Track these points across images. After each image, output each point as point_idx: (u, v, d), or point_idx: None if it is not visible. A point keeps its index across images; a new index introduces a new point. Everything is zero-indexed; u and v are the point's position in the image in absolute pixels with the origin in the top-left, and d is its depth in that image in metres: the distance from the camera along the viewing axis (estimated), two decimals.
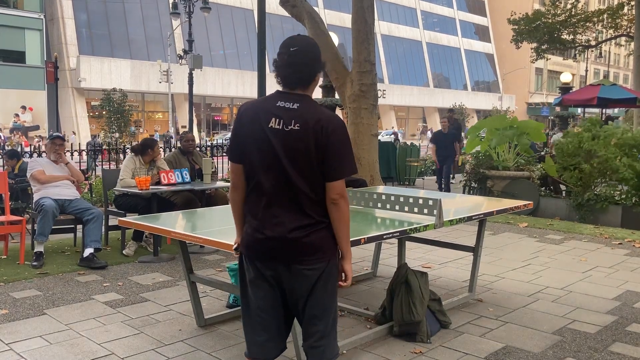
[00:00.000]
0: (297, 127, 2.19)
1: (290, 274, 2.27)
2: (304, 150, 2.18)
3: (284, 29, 41.91)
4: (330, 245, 2.29)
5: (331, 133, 2.19)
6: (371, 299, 4.46)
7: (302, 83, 2.26)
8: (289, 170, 2.20)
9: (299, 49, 2.23)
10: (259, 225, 2.28)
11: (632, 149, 8.19)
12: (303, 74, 2.25)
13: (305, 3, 10.38)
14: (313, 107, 2.25)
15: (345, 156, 2.24)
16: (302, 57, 2.23)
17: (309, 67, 2.25)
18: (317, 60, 2.27)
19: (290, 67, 2.22)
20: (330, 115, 2.26)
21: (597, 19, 25.10)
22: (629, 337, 3.73)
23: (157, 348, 3.50)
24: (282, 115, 2.21)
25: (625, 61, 71.00)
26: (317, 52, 2.28)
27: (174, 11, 21.89)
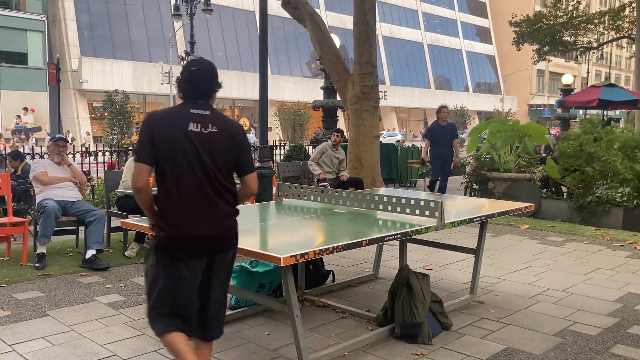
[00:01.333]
0: (215, 130, 2.59)
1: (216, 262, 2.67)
2: (223, 150, 2.60)
3: (286, 31, 42.00)
4: (237, 234, 2.74)
5: (242, 136, 2.68)
6: (372, 301, 4.46)
7: (201, 97, 2.63)
8: (211, 167, 2.57)
9: (199, 69, 2.64)
10: (183, 218, 2.56)
11: (633, 150, 8.19)
12: (200, 89, 2.63)
13: (306, 5, 10.40)
14: (221, 115, 2.68)
15: (250, 153, 2.79)
16: (200, 75, 2.63)
17: (206, 84, 2.65)
18: (212, 79, 2.67)
19: (192, 83, 2.62)
20: (233, 120, 2.77)
21: (599, 20, 25.12)
22: (631, 339, 3.74)
23: (159, 349, 3.51)
24: (199, 120, 2.58)
25: (627, 63, 70.97)
26: (214, 73, 2.68)
27: (175, 13, 21.87)
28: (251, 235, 3.51)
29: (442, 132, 9.60)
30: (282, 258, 2.69)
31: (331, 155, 8.43)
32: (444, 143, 9.51)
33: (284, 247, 3.02)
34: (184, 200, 2.55)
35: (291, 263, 2.75)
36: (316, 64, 31.77)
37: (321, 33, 10.15)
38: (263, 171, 7.43)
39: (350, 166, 9.64)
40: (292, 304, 3.06)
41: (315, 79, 40.91)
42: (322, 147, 8.48)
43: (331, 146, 8.45)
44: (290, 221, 3.90)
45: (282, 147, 12.22)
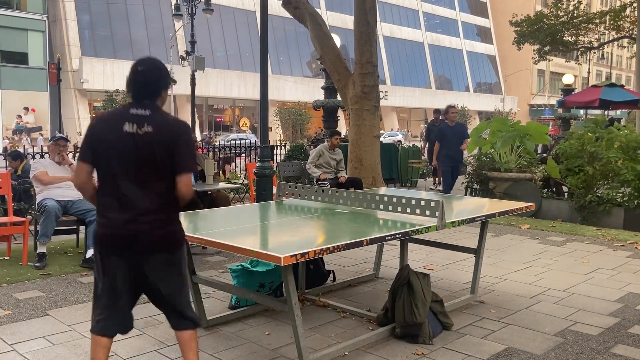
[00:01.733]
0: (150, 130, 2.56)
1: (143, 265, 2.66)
2: (157, 151, 2.55)
3: (286, 31, 42.01)
4: (176, 238, 2.72)
5: (183, 134, 2.61)
6: (373, 301, 4.46)
7: (147, 96, 2.64)
8: (140, 168, 2.56)
9: (144, 69, 2.65)
10: (116, 220, 2.60)
11: (635, 150, 8.18)
12: (146, 89, 2.64)
13: (307, 5, 10.40)
14: (162, 114, 2.65)
15: (191, 154, 2.64)
16: (145, 76, 2.63)
17: (151, 84, 2.65)
18: (160, 79, 2.67)
19: (136, 83, 2.63)
20: (178, 119, 2.70)
21: (600, 20, 25.11)
22: (632, 339, 3.73)
23: (160, 349, 3.51)
24: (136, 120, 2.57)
25: (628, 63, 70.94)
26: (161, 72, 2.68)
27: (176, 12, 21.88)
28: (252, 234, 3.51)
29: (452, 132, 9.23)
30: (283, 257, 2.69)
31: (328, 157, 8.44)
32: (454, 144, 9.15)
33: (285, 247, 3.01)
34: (111, 199, 2.60)
35: (292, 262, 2.74)
36: (317, 64, 31.78)
37: (322, 33, 10.14)
38: (264, 171, 7.43)
39: (351, 166, 9.64)
40: (293, 303, 3.06)
41: (315, 79, 40.92)
42: (319, 150, 8.48)
43: (328, 148, 8.45)
44: (291, 221, 3.90)
45: (283, 147, 12.22)
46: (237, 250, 2.93)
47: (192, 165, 2.66)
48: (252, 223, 3.87)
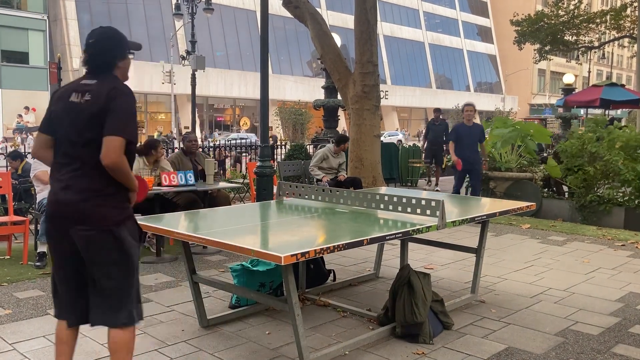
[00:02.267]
0: (89, 98, 2.50)
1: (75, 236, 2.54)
2: (90, 118, 2.47)
3: (287, 30, 41.99)
4: (104, 214, 2.51)
5: (116, 98, 2.46)
6: (373, 300, 4.46)
7: (100, 68, 2.57)
8: (76, 139, 2.51)
9: (94, 40, 2.58)
10: (54, 189, 2.58)
11: (635, 150, 8.18)
12: (97, 61, 2.57)
13: (307, 4, 10.39)
14: (108, 82, 2.53)
15: (123, 117, 2.46)
16: (95, 47, 2.57)
17: (102, 55, 2.57)
18: (111, 49, 2.58)
19: (87, 55, 2.58)
20: (120, 85, 2.54)
21: (600, 20, 25.10)
22: (632, 338, 3.73)
23: (160, 348, 3.51)
24: (81, 90, 2.54)
25: (628, 62, 70.89)
26: (112, 42, 2.59)
27: (176, 12, 21.89)
28: (252, 234, 3.50)
29: (468, 133, 8.44)
30: (283, 257, 2.68)
31: (332, 160, 8.45)
32: (470, 145, 8.42)
33: (285, 246, 3.01)
34: (54, 170, 2.60)
35: (292, 262, 2.74)
36: (317, 63, 31.79)
37: (322, 32, 10.14)
38: (264, 170, 7.43)
39: (351, 165, 9.63)
40: (293, 303, 3.06)
41: (316, 78, 40.91)
42: (323, 154, 8.47)
43: (332, 152, 8.46)
44: (291, 220, 3.89)
45: (283, 147, 12.22)
46: (238, 249, 2.92)
47: (122, 129, 2.44)
48: (252, 222, 3.87)
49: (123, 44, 2.63)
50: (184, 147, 6.74)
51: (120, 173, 2.48)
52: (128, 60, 2.66)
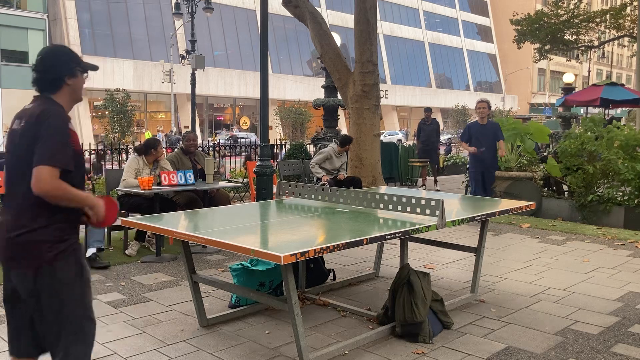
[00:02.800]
0: (23, 124, 2.30)
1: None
2: (23, 146, 2.26)
3: (287, 29, 41.98)
4: (40, 251, 2.24)
5: (43, 122, 2.24)
6: (373, 300, 4.46)
7: (45, 88, 2.37)
8: (11, 170, 2.33)
9: (39, 58, 2.37)
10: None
11: (634, 149, 8.18)
12: (43, 79, 2.37)
13: (307, 3, 10.39)
14: (42, 105, 2.32)
15: (47, 144, 2.21)
16: (41, 64, 2.36)
17: (46, 73, 2.36)
18: (56, 66, 2.37)
19: (34, 73, 2.37)
20: (49, 108, 2.30)
21: (600, 19, 25.11)
22: (632, 338, 3.73)
23: (160, 348, 3.51)
24: (21, 116, 2.35)
25: (628, 62, 70.90)
26: (58, 59, 2.38)
27: (176, 11, 21.87)
28: (252, 233, 3.50)
29: (482, 132, 7.68)
30: (283, 256, 2.68)
31: (334, 160, 8.46)
32: (484, 145, 7.67)
33: (285, 246, 3.01)
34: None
35: (292, 261, 2.74)
36: (317, 63, 31.78)
37: (322, 31, 10.13)
38: (264, 170, 7.43)
39: (351, 165, 9.64)
40: (293, 302, 3.06)
41: (316, 78, 40.91)
42: (327, 153, 8.47)
43: (336, 153, 8.47)
44: (291, 220, 3.89)
45: (283, 147, 12.22)
46: (237, 249, 2.92)
47: (48, 157, 2.20)
48: (252, 222, 3.87)
49: (71, 60, 2.41)
50: (183, 146, 6.73)
51: (57, 199, 2.23)
52: (80, 79, 2.43)
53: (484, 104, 7.80)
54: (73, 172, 2.29)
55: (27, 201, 2.25)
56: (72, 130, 2.32)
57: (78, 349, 2.33)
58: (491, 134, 7.70)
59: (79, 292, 2.34)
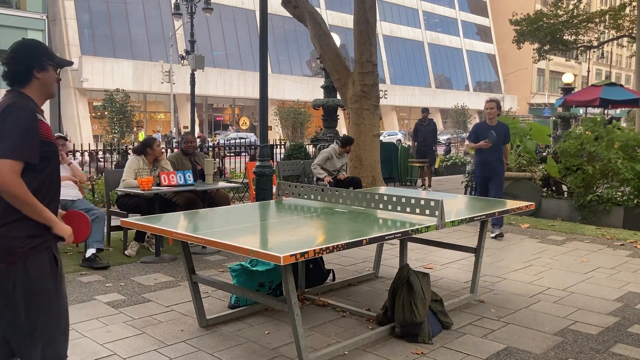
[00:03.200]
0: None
1: None
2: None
3: (286, 30, 41.99)
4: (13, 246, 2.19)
5: (7, 115, 2.19)
6: (373, 300, 4.46)
7: (14, 82, 2.33)
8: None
9: (9, 50, 2.34)
10: None
11: (634, 149, 8.19)
12: (10, 71, 2.33)
13: (307, 4, 10.39)
14: (10, 99, 2.28)
15: (12, 136, 2.15)
16: (8, 59, 2.32)
17: (14, 65, 2.32)
18: (25, 58, 2.33)
19: (3, 67, 2.33)
20: (15, 102, 2.25)
21: (599, 19, 25.13)
22: (631, 338, 3.73)
23: (159, 348, 3.51)
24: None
25: (627, 62, 70.94)
26: (27, 51, 2.34)
27: (176, 12, 21.87)
28: (251, 234, 3.50)
29: (489, 133, 7.11)
30: (282, 257, 2.69)
31: (335, 161, 8.47)
32: (492, 147, 7.05)
33: (284, 246, 3.01)
34: None
35: (291, 262, 2.74)
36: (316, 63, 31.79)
37: (321, 32, 10.14)
38: (263, 170, 7.43)
39: (351, 165, 9.64)
40: (292, 303, 3.06)
41: (315, 78, 40.90)
42: (328, 153, 8.47)
43: (337, 154, 8.47)
44: (291, 220, 3.89)
45: (283, 147, 12.22)
46: (237, 249, 2.92)
47: (11, 149, 2.14)
48: (251, 222, 3.87)
49: (42, 54, 2.36)
50: (182, 147, 6.73)
51: (12, 198, 2.16)
52: (50, 73, 2.38)
53: (492, 104, 7.27)
54: (40, 165, 2.22)
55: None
56: (42, 121, 2.27)
57: (52, 349, 2.28)
58: (500, 135, 7.14)
59: (53, 290, 2.29)
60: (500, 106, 7.40)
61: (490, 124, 7.22)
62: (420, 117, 12.48)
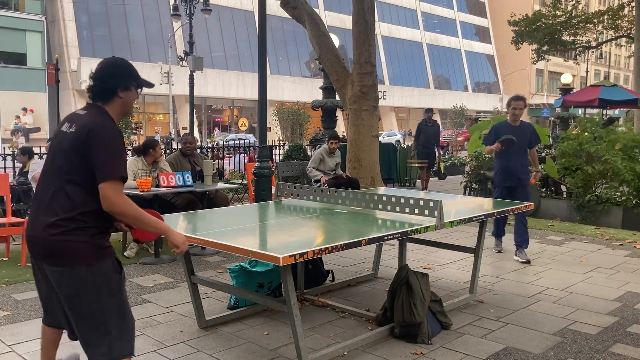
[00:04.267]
0: (74, 130, 2.41)
1: (46, 272, 2.44)
2: (70, 151, 2.37)
3: (285, 31, 41.99)
4: (78, 251, 2.34)
5: (92, 136, 2.34)
6: (372, 300, 4.46)
7: (98, 97, 2.49)
8: (57, 171, 2.40)
9: (98, 68, 2.50)
10: (29, 221, 2.49)
11: (633, 150, 8.20)
12: (97, 87, 2.48)
13: (305, 4, 10.40)
14: (94, 115, 2.43)
15: (105, 159, 2.33)
16: (96, 75, 2.49)
17: (103, 81, 2.47)
18: (112, 75, 2.49)
19: (90, 81, 2.50)
20: (99, 121, 2.40)
21: (598, 20, 25.15)
22: (630, 338, 3.74)
23: (159, 349, 3.51)
24: (73, 120, 2.46)
25: (626, 62, 71.01)
26: (115, 69, 2.50)
27: (174, 13, 21.88)
28: (250, 235, 3.51)
29: (513, 135, 5.91)
30: (281, 258, 2.69)
31: (327, 161, 8.46)
32: (516, 152, 5.97)
33: (283, 247, 3.01)
34: (35, 198, 2.51)
35: (290, 263, 2.74)
36: (315, 64, 31.76)
37: (320, 33, 10.14)
38: (262, 171, 7.43)
39: (350, 166, 9.64)
40: (292, 303, 3.06)
41: (314, 79, 40.91)
42: (319, 154, 8.47)
43: (328, 153, 8.46)
44: (290, 221, 3.90)
45: (282, 147, 12.22)
46: (236, 250, 2.93)
47: (111, 171, 2.33)
48: (251, 223, 3.87)
49: (128, 74, 2.52)
50: (181, 148, 6.74)
51: (123, 217, 2.38)
52: (133, 93, 2.54)
53: (521, 103, 6.00)
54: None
55: (68, 201, 2.35)
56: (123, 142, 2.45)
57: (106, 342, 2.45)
58: (525, 138, 6.02)
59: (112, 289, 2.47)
60: (526, 105, 6.25)
61: (514, 125, 6.07)
62: (424, 117, 12.10)
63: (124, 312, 2.49)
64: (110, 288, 2.42)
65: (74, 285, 2.36)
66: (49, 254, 2.36)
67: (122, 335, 2.47)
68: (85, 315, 2.39)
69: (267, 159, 7.63)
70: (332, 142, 8.45)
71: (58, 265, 2.35)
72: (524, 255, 5.88)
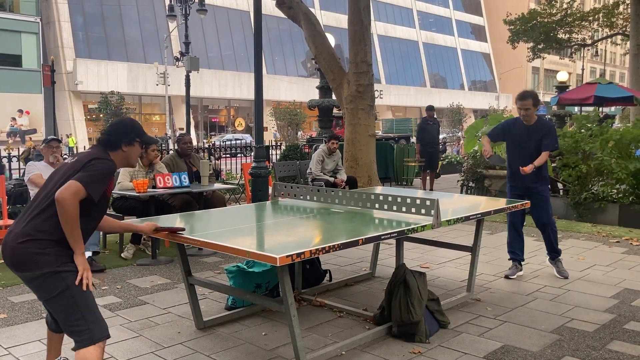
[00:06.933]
0: (76, 159, 2.76)
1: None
2: (69, 169, 2.67)
3: (281, 30, 41.99)
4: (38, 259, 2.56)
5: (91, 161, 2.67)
6: (370, 300, 4.46)
7: (104, 143, 2.82)
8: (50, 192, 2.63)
9: (110, 123, 2.96)
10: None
11: (629, 147, 8.20)
12: (104, 136, 2.84)
13: (301, 4, 10.40)
14: (99, 151, 2.77)
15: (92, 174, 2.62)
16: (107, 128, 2.89)
17: (110, 134, 2.84)
18: (119, 131, 2.84)
19: (101, 133, 2.90)
20: (103, 155, 2.74)
21: (593, 17, 25.23)
22: (627, 335, 3.74)
23: (156, 351, 3.50)
24: (77, 155, 2.94)
25: (621, 59, 71.22)
26: (122, 126, 2.86)
27: (170, 13, 21.86)
28: (247, 235, 3.50)
29: (526, 135, 5.13)
30: (279, 258, 2.69)
31: (327, 161, 8.46)
32: (528, 152, 5.10)
33: (280, 247, 3.01)
34: (29, 204, 2.77)
35: (287, 263, 2.74)
36: (311, 63, 31.77)
37: (316, 32, 10.14)
38: (259, 171, 7.42)
39: (347, 165, 9.64)
40: (289, 303, 3.06)
41: (310, 79, 40.91)
42: (319, 155, 8.45)
43: (327, 153, 8.45)
44: (287, 221, 3.89)
45: (279, 147, 12.22)
46: (233, 251, 2.92)
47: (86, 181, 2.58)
48: (247, 224, 3.87)
49: (133, 133, 2.85)
50: (179, 149, 6.72)
51: (63, 212, 2.53)
52: (135, 148, 2.87)
53: (525, 103, 5.05)
54: (94, 207, 2.67)
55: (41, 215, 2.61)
56: (112, 180, 2.75)
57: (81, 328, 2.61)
58: (536, 137, 5.10)
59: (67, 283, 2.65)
60: (538, 102, 5.14)
61: (527, 123, 5.14)
62: (425, 115, 11.57)
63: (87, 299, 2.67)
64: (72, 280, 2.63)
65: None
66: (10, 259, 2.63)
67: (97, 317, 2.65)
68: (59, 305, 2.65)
69: (264, 159, 7.62)
70: (333, 142, 8.45)
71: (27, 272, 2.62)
72: (559, 264, 5.24)
